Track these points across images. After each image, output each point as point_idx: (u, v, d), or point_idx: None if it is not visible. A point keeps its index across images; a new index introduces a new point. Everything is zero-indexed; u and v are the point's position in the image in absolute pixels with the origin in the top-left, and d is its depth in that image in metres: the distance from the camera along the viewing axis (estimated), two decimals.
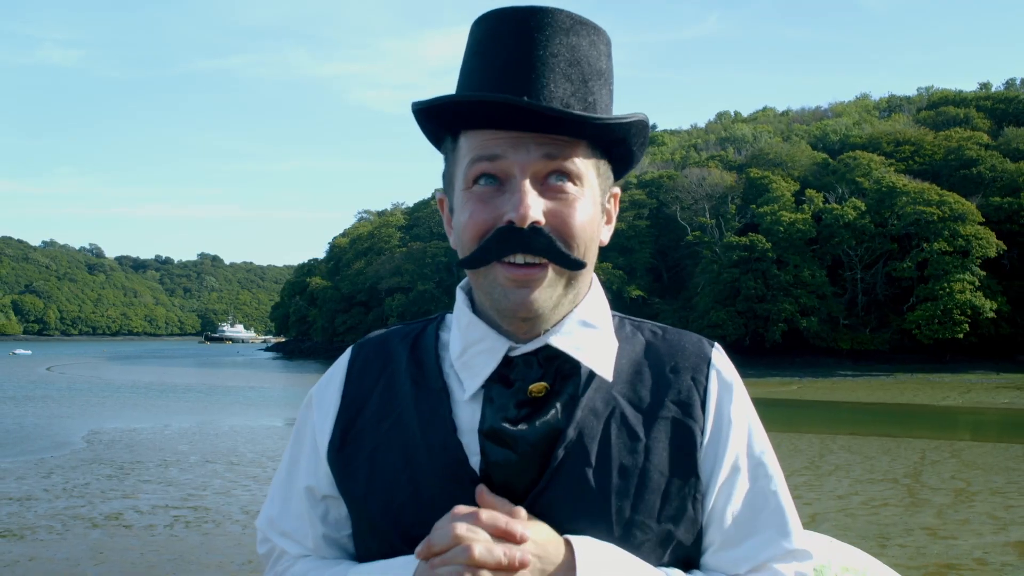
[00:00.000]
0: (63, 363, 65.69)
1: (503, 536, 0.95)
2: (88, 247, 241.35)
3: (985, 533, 9.55)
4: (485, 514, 0.97)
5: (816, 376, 43.90)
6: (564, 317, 1.07)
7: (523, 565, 0.94)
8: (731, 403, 1.12)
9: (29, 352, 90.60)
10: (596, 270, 1.16)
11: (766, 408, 28.98)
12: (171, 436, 19.66)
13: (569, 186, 1.03)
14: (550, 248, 1.01)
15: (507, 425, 1.02)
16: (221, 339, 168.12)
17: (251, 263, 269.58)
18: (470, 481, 1.02)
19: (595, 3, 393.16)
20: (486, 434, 1.03)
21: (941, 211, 46.87)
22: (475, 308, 1.12)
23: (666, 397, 1.09)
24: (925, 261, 47.05)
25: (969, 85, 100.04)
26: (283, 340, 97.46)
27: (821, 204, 51.21)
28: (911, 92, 79.76)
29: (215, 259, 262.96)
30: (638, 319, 1.21)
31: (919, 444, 18.33)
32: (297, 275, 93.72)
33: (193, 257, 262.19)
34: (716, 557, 1.09)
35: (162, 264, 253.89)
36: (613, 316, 1.16)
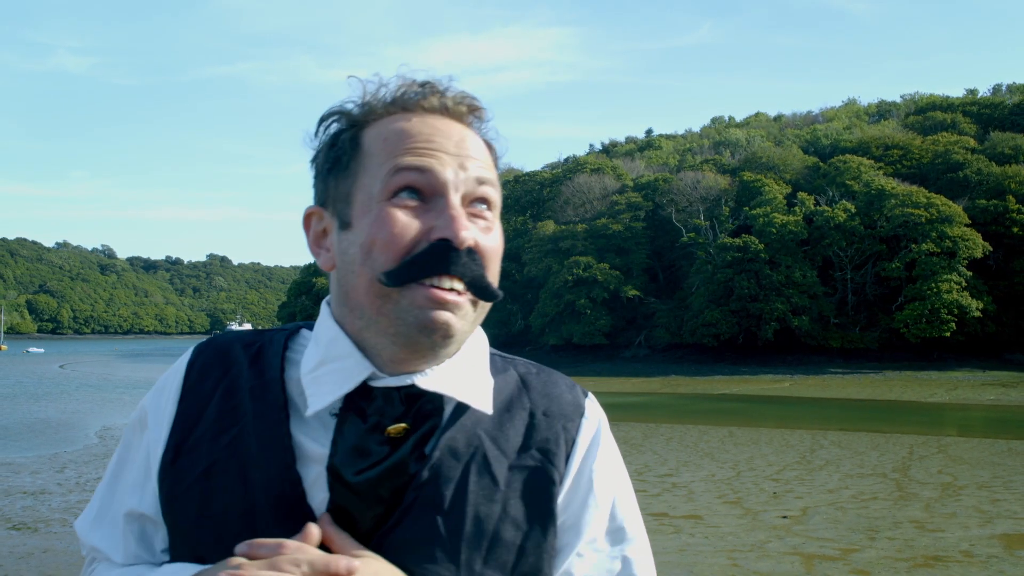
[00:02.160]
0: (76, 361, 65.69)
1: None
2: (100, 248, 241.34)
3: (971, 526, 9.55)
4: (301, 547, 0.88)
5: (807, 374, 43.90)
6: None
7: None
8: (596, 459, 1.01)
9: (42, 350, 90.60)
10: (595, 269, 1.12)
11: (759, 405, 29.03)
12: None
13: (488, 213, 0.96)
14: (479, 276, 0.92)
15: (357, 465, 0.92)
16: None
17: (258, 264, 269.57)
18: (307, 520, 0.91)
19: (594, 13, 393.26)
20: (332, 473, 0.92)
21: (929, 213, 46.85)
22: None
23: (532, 443, 0.99)
24: (913, 262, 47.03)
25: (956, 91, 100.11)
26: None
27: (812, 206, 51.18)
28: (900, 98, 79.78)
29: (224, 260, 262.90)
30: (509, 355, 1.09)
31: (907, 440, 18.33)
32: (304, 275, 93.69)
33: (202, 258, 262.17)
34: None
35: (172, 265, 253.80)
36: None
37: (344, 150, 0.96)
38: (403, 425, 0.93)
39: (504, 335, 61.56)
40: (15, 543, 8.95)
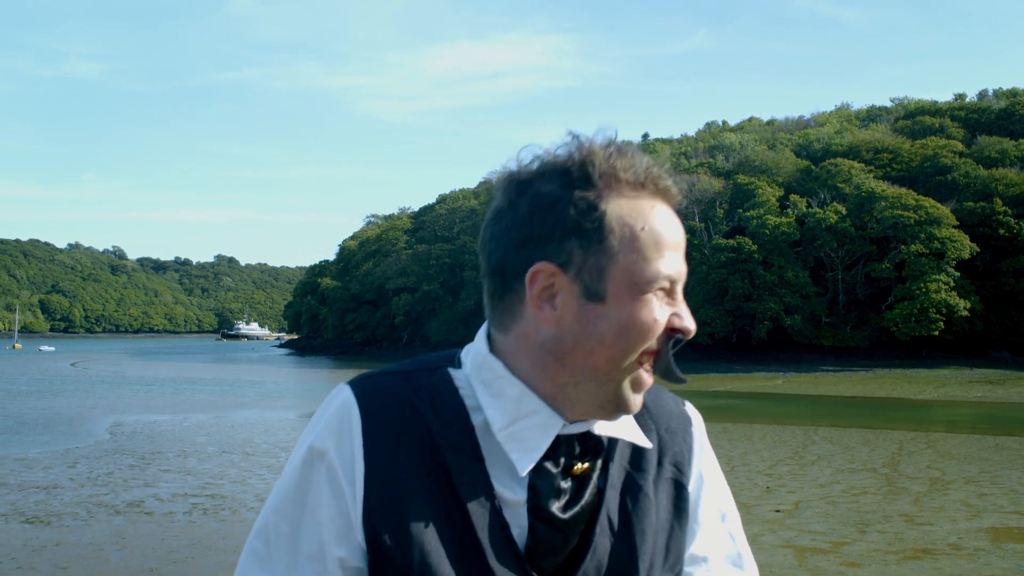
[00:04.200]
0: (87, 359, 65.65)
1: None
2: (111, 249, 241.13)
3: (959, 520, 9.55)
4: None
5: (800, 371, 43.88)
6: None
7: None
8: (704, 456, 1.13)
9: (52, 348, 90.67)
10: None
11: (752, 401, 28.99)
12: (189, 428, 19.65)
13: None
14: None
15: (557, 505, 0.98)
16: (237, 336, 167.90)
17: (265, 264, 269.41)
18: (516, 560, 0.96)
19: (592, 21, 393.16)
20: (535, 514, 0.97)
21: (918, 215, 46.85)
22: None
23: (665, 458, 1.09)
24: (902, 262, 47.03)
25: (944, 96, 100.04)
26: (295, 337, 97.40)
27: (804, 208, 51.18)
28: (889, 102, 79.71)
29: (231, 260, 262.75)
30: None
31: (897, 435, 18.32)
32: (309, 276, 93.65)
33: (210, 258, 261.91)
34: None
35: (181, 265, 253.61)
36: None
37: (594, 224, 0.95)
38: (586, 464, 1.01)
39: None
40: (28, 536, 8.95)
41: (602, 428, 1.02)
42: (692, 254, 52.25)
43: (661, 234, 0.96)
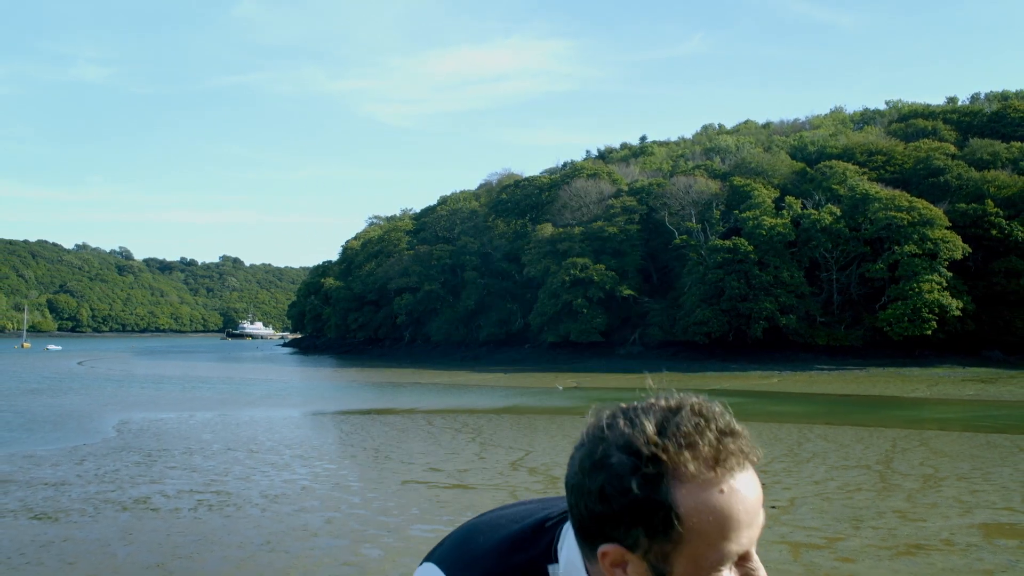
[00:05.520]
0: (94, 358, 65.62)
1: None
2: (118, 250, 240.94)
3: (952, 516, 9.54)
4: None
5: (795, 370, 43.89)
6: None
7: None
8: None
9: (59, 347, 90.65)
10: (592, 270, 1.13)
11: (748, 400, 28.97)
12: (195, 426, 19.64)
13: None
14: None
15: None
16: (242, 335, 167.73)
17: (269, 264, 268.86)
18: None
19: (590, 26, 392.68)
20: None
21: (911, 216, 46.82)
22: None
23: None
24: (896, 263, 46.99)
25: (937, 99, 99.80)
26: (299, 336, 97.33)
27: (799, 210, 51.14)
28: (883, 106, 79.64)
29: (236, 261, 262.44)
30: None
31: (890, 433, 18.32)
32: (312, 276, 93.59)
33: (216, 259, 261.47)
34: None
35: (187, 265, 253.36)
36: None
37: (659, 517, 0.98)
38: None
39: (504, 333, 61.55)
40: (36, 532, 8.95)
41: None
42: (689, 255, 52.26)
43: (729, 519, 0.97)
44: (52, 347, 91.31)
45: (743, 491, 0.98)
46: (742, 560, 0.99)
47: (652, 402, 1.03)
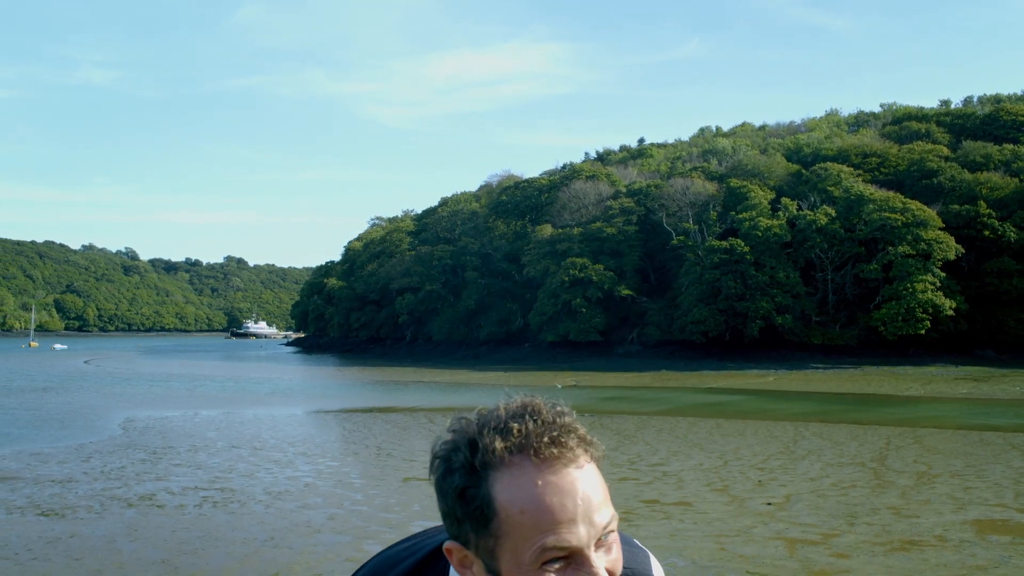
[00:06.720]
0: (100, 357, 65.61)
1: None
2: (124, 250, 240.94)
3: (945, 512, 9.54)
4: None
5: (790, 369, 43.89)
6: None
7: None
8: None
9: (65, 347, 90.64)
10: (590, 270, 1.14)
11: (745, 398, 28.99)
12: (200, 423, 19.64)
13: (611, 537, 1.01)
14: None
15: None
16: (246, 335, 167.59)
17: (273, 265, 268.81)
18: None
19: (590, 29, 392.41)
20: None
21: (905, 217, 46.81)
22: None
23: None
24: (890, 263, 46.99)
25: (930, 102, 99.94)
26: (302, 335, 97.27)
27: (795, 211, 51.14)
28: (877, 108, 79.64)
29: (240, 261, 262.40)
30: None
31: (885, 431, 18.31)
32: (315, 276, 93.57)
33: (220, 259, 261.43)
34: None
35: (192, 266, 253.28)
36: None
37: (477, 511, 0.98)
38: None
39: (504, 333, 61.54)
40: (43, 528, 8.95)
41: None
42: (686, 255, 52.24)
43: (545, 512, 0.95)
44: (59, 346, 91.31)
45: (563, 485, 0.96)
46: (576, 565, 0.96)
47: (498, 404, 1.03)
